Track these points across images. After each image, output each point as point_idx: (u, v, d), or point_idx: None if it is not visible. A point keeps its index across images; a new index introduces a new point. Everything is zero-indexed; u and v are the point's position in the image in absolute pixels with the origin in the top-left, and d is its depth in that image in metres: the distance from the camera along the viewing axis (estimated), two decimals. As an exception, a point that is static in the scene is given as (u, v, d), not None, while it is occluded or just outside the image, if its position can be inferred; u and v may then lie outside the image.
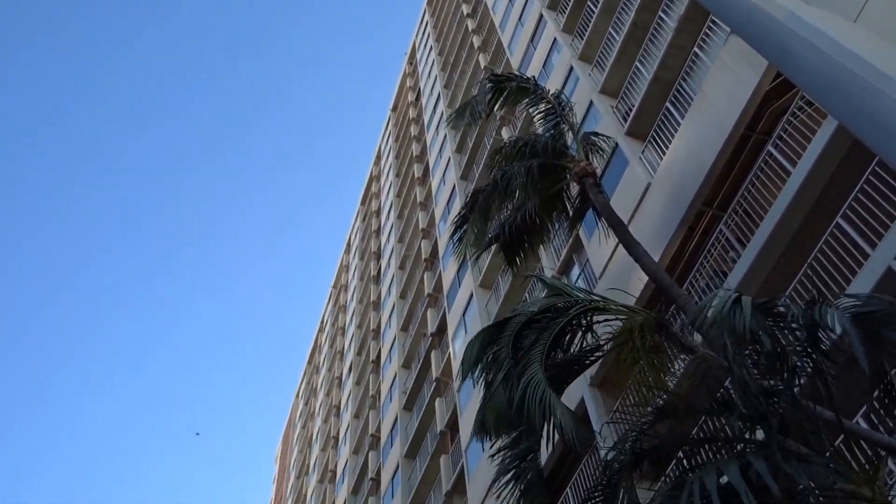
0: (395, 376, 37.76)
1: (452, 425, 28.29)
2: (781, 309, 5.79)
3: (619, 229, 11.03)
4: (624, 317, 8.21)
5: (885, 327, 5.35)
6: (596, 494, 6.57)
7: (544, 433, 7.63)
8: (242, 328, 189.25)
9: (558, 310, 8.50)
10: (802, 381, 6.07)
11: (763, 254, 13.60)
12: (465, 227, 12.44)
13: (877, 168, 11.40)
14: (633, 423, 6.06)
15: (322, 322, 68.62)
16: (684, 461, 5.90)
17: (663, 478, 7.00)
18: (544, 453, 9.25)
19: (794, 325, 5.74)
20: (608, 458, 6.55)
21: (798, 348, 5.65)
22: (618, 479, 5.88)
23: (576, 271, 21.44)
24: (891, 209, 11.12)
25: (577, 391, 18.37)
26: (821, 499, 5.59)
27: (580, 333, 8.63)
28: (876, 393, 7.87)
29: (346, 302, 58.52)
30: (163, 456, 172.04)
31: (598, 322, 8.77)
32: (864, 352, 5.05)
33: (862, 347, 5.05)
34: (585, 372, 17.83)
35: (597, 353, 8.67)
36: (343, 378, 51.94)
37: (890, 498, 5.68)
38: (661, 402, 5.99)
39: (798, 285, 12.34)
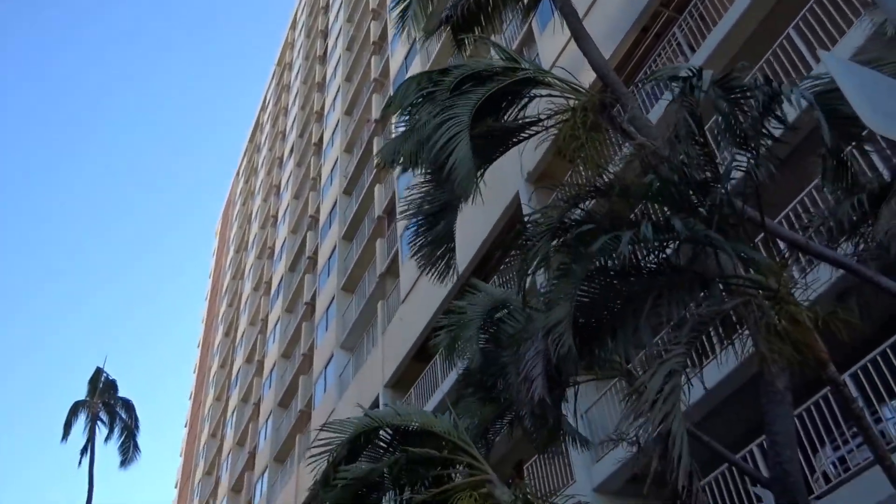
0: (336, 160, 37.73)
1: (390, 211, 28.78)
2: (738, 84, 5.89)
3: (572, 19, 10.81)
4: (569, 95, 8.26)
5: (843, 104, 5.53)
6: (513, 254, 6.85)
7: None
8: (180, 104, 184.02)
9: (504, 71, 8.51)
10: (734, 179, 6.32)
11: (712, 59, 13.59)
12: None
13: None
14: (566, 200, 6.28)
15: (264, 101, 67.04)
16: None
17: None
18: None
19: (751, 101, 5.84)
20: (531, 219, 6.79)
21: (752, 125, 5.80)
22: (537, 242, 6.14)
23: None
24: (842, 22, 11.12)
25: (513, 185, 18.73)
26: (728, 285, 6.02)
27: (521, 103, 8.70)
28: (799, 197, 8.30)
29: (289, 81, 57.00)
30: (103, 220, 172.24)
31: (542, 96, 8.84)
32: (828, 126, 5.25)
33: (826, 122, 5.25)
34: (523, 167, 18.34)
35: (534, 128, 8.77)
36: (284, 159, 51.69)
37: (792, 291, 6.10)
38: (596, 182, 6.18)
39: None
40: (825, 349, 5.62)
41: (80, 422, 32.88)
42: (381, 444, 8.52)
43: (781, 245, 8.29)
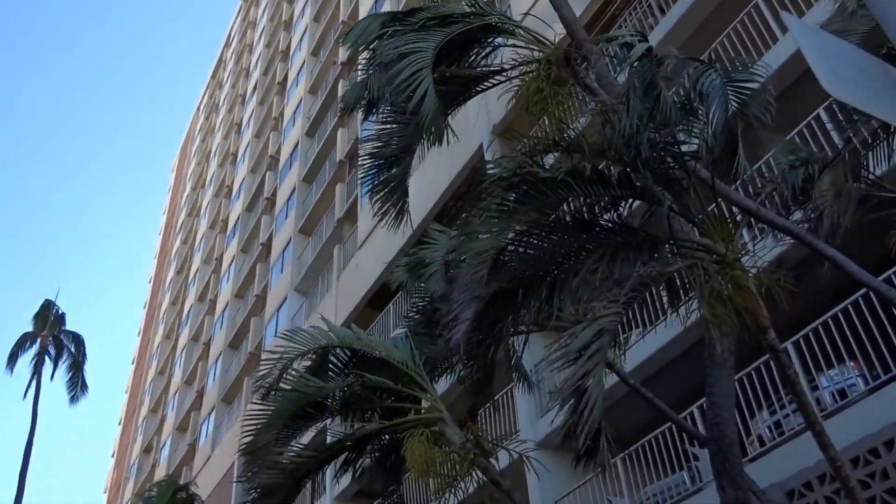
0: (300, 101, 37.12)
1: (352, 156, 28.49)
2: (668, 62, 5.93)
3: (545, -28, 10.66)
4: (534, 47, 8.20)
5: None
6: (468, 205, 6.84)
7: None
8: (140, 34, 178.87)
9: (471, 16, 8.44)
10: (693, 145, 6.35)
11: (681, 23, 13.57)
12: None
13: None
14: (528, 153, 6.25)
15: (228, 37, 65.40)
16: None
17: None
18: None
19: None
20: (488, 169, 6.79)
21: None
22: (493, 191, 6.12)
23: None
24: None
25: (477, 138, 18.63)
26: (678, 248, 6.07)
27: (486, 51, 8.62)
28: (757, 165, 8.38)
29: (255, 18, 55.62)
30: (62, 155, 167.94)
31: (507, 45, 8.77)
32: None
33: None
34: (490, 119, 18.22)
35: (498, 77, 8.70)
36: (246, 97, 50.70)
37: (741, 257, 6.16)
38: (556, 136, 6.15)
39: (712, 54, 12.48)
40: (767, 316, 5.71)
41: (28, 354, 32.40)
42: (337, 365, 8.49)
43: (733, 211, 8.38)
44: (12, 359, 31.76)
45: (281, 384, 8.39)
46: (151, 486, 24.70)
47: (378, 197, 9.32)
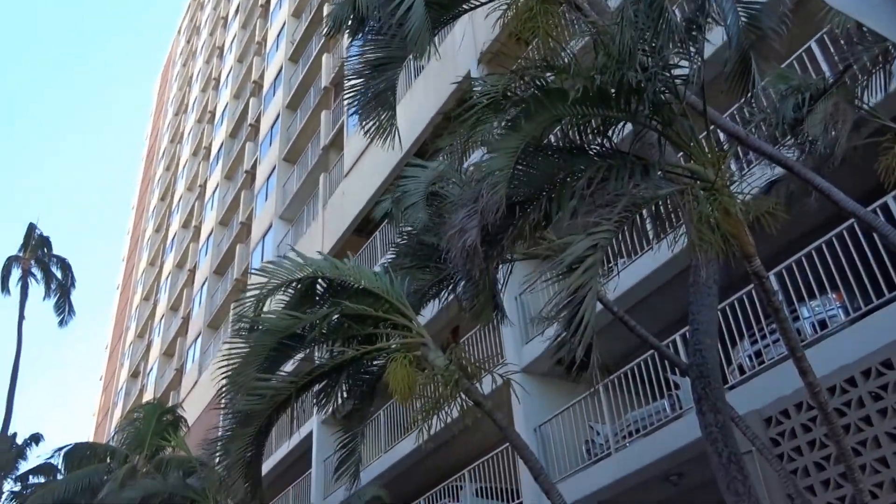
0: (283, 24, 36.27)
1: (337, 83, 28.00)
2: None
3: None
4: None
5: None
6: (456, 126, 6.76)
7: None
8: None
9: None
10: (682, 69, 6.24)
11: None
12: None
13: None
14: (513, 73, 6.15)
15: (210, -44, 63.59)
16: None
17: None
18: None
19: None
20: (476, 90, 6.67)
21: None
22: (481, 111, 6.02)
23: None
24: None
25: (465, 64, 18.32)
26: (667, 174, 6.02)
27: None
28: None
29: (237, -63, 54.02)
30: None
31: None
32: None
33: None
34: (477, 47, 17.90)
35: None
36: (229, 19, 49.50)
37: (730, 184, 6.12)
38: (547, 58, 6.03)
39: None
40: (753, 243, 5.71)
41: (14, 278, 32.36)
42: (315, 296, 8.48)
43: (722, 138, 8.32)
44: (3, 282, 31.75)
45: (258, 323, 8.38)
46: (138, 409, 24.99)
47: (364, 109, 9.17)
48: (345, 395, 8.98)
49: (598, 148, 6.49)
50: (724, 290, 9.02)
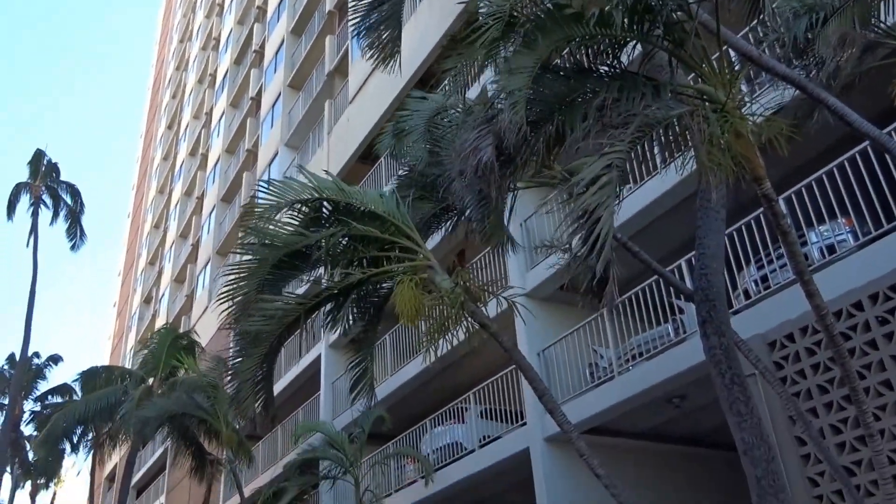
0: (286, -51, 35.43)
1: (341, 7, 27.45)
2: None
3: None
4: None
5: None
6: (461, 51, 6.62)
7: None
8: None
9: None
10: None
11: None
12: None
13: None
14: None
15: None
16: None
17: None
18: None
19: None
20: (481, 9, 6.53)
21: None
22: (486, 31, 5.87)
23: None
24: None
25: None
26: (678, 94, 5.91)
27: None
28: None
29: None
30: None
31: None
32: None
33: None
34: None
35: None
36: (231, -58, 48.36)
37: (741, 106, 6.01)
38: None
39: None
40: (763, 165, 5.63)
41: (24, 204, 32.47)
42: (322, 218, 8.43)
43: (734, 59, 8.15)
44: (10, 208, 31.89)
45: (262, 237, 8.35)
46: (153, 335, 25.43)
47: (369, 35, 9.00)
48: (353, 317, 9.04)
49: (607, 69, 6.37)
50: (731, 215, 8.96)
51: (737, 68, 7.62)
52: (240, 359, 8.50)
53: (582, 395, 12.40)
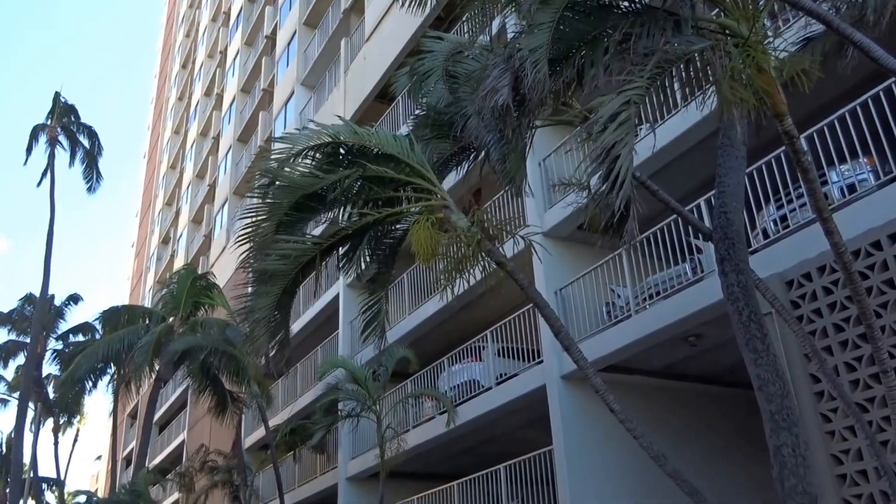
0: None
1: (358, -60, 26.93)
2: None
3: None
4: None
5: None
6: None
7: None
8: None
9: None
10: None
11: None
12: None
13: None
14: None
15: None
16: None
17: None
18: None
19: None
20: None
21: None
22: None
23: None
24: None
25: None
26: (699, 29, 5.83)
27: None
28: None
29: None
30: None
31: None
32: None
33: None
34: None
35: None
36: None
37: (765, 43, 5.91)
38: None
39: None
40: (785, 101, 5.57)
41: (41, 145, 32.50)
42: (336, 162, 8.44)
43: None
44: (28, 151, 31.96)
45: (278, 179, 8.38)
46: (172, 275, 25.73)
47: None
48: (368, 258, 9.11)
49: (628, 4, 6.27)
50: (751, 154, 8.88)
51: (760, 2, 7.49)
52: (255, 296, 8.61)
53: (598, 334, 12.49)
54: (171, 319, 23.00)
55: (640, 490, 12.43)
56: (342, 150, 8.40)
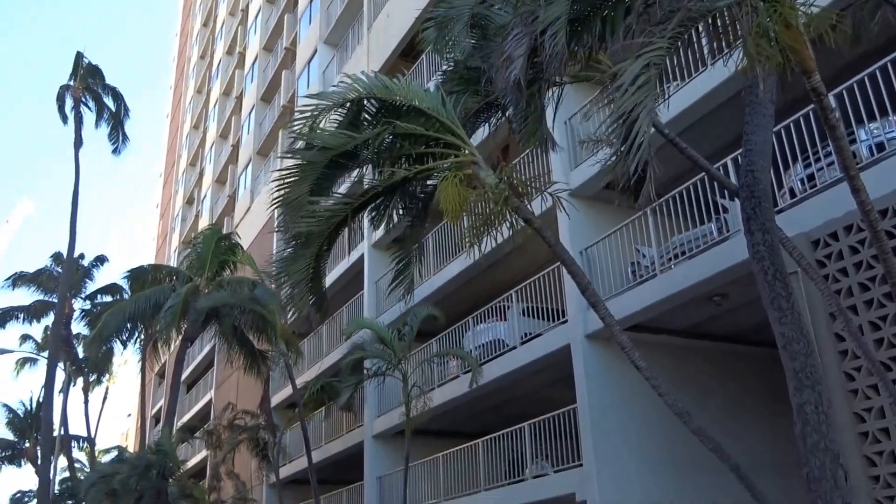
0: None
1: None
2: None
3: None
4: None
5: None
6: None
7: None
8: None
9: None
10: None
11: None
12: None
13: None
14: None
15: None
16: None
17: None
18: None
19: None
20: None
21: None
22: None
23: None
24: None
25: None
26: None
27: None
28: None
29: None
30: None
31: None
32: None
33: None
34: None
35: None
36: None
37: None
38: None
39: None
40: (813, 57, 5.52)
41: (68, 107, 32.58)
42: (366, 117, 8.48)
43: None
44: (61, 112, 32.05)
45: (311, 140, 8.41)
46: (197, 235, 25.98)
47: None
48: (398, 215, 9.19)
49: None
50: (779, 113, 8.81)
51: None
52: (292, 259, 8.74)
53: (623, 294, 12.54)
54: (196, 280, 23.29)
55: (665, 447, 12.57)
56: (372, 107, 8.42)
